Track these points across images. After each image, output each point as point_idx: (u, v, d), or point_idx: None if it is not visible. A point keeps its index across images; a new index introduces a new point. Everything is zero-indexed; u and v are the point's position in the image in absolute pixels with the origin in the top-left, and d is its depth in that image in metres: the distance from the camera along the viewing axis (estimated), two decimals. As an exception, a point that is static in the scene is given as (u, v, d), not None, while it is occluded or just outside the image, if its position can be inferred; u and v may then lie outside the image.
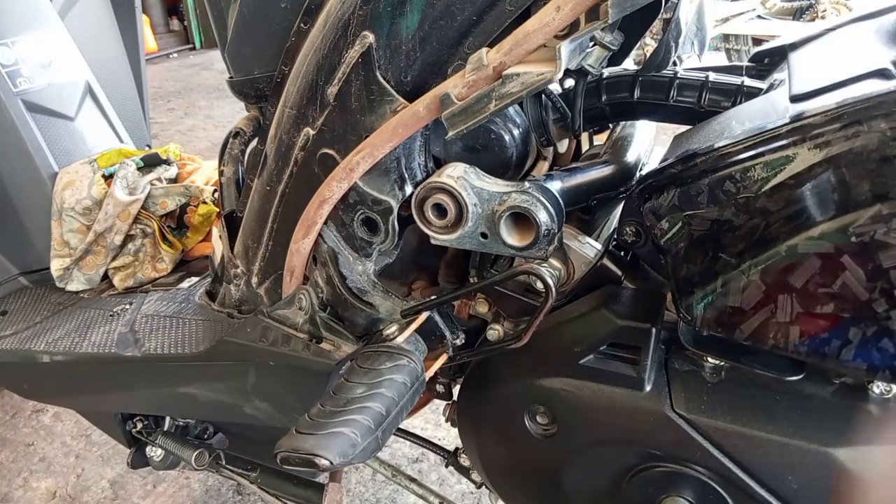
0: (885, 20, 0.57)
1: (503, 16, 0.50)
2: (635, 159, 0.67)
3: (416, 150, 0.59)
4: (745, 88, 0.62)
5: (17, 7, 1.26)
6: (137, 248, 1.21)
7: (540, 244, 0.53)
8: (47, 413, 1.81)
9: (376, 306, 0.68)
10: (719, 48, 4.24)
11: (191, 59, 6.47)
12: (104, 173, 1.20)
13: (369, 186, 0.60)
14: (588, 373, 0.59)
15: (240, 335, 0.79)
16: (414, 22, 0.52)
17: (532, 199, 0.52)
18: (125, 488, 1.55)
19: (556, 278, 0.61)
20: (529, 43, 0.47)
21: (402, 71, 0.55)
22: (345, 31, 0.56)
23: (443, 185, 0.54)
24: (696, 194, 0.49)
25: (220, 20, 0.76)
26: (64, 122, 1.27)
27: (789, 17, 4.45)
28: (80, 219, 1.18)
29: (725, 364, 0.56)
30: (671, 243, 0.51)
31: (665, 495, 0.59)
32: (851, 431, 0.50)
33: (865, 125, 0.42)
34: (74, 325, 1.07)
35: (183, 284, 1.15)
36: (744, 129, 0.49)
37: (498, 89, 0.49)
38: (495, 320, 0.68)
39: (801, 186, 0.44)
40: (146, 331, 0.98)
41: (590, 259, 0.62)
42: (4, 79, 1.19)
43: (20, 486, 1.59)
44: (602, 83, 0.68)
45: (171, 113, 4.70)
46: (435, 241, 0.58)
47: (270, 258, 0.75)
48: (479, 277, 0.68)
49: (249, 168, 0.84)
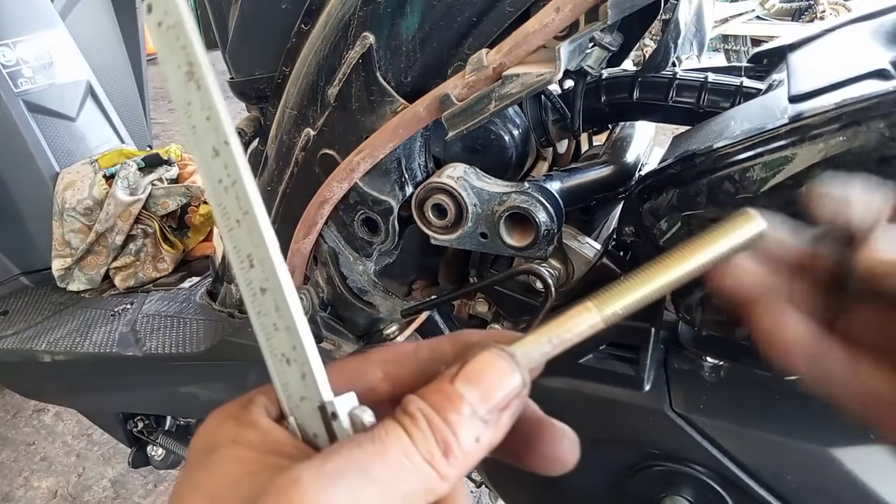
0: (884, 20, 0.57)
1: (503, 17, 0.50)
2: (634, 160, 0.67)
3: (417, 150, 0.59)
4: (744, 89, 0.62)
5: (19, 8, 1.26)
6: (139, 248, 1.21)
7: (540, 244, 0.54)
8: (48, 412, 1.81)
9: (377, 306, 0.69)
10: (718, 49, 4.24)
11: (191, 60, 6.47)
12: (105, 173, 1.21)
13: (370, 187, 0.60)
14: (587, 372, 0.59)
15: (241, 335, 0.80)
16: (414, 23, 0.53)
17: (532, 199, 0.53)
18: (126, 487, 1.55)
19: (556, 278, 0.61)
20: (529, 44, 0.47)
21: (403, 72, 0.55)
22: (345, 32, 0.56)
23: (443, 185, 0.55)
24: (695, 194, 0.49)
25: (220, 20, 0.76)
26: (65, 123, 1.27)
27: (788, 18, 4.45)
28: (82, 219, 1.18)
29: (725, 364, 0.57)
30: (670, 243, 0.52)
31: (664, 494, 0.59)
32: (850, 431, 0.50)
33: (864, 125, 0.42)
34: (76, 325, 1.08)
35: (184, 284, 1.16)
36: (743, 130, 0.49)
37: (498, 90, 0.49)
38: (495, 320, 0.68)
39: (801, 187, 0.44)
40: (147, 330, 0.98)
41: (589, 259, 0.62)
42: (6, 79, 1.19)
43: (21, 486, 1.59)
44: (601, 84, 0.68)
45: (172, 113, 4.70)
46: (435, 241, 0.58)
47: (271, 258, 0.75)
48: (479, 277, 0.68)
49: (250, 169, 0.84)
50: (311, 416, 0.25)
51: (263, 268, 0.24)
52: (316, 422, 0.25)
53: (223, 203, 0.24)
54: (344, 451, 0.22)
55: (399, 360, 0.29)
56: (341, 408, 0.25)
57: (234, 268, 0.25)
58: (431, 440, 0.23)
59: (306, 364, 0.25)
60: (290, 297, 0.24)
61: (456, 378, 0.25)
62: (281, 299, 0.24)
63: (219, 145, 0.24)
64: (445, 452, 0.23)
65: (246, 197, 0.24)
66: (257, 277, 0.25)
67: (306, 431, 0.25)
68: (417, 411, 0.23)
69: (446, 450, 0.23)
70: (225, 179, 0.24)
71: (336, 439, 0.24)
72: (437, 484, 0.23)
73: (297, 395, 0.25)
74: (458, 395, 0.24)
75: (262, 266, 0.24)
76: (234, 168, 0.24)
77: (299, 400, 0.25)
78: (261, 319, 0.25)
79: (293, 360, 0.25)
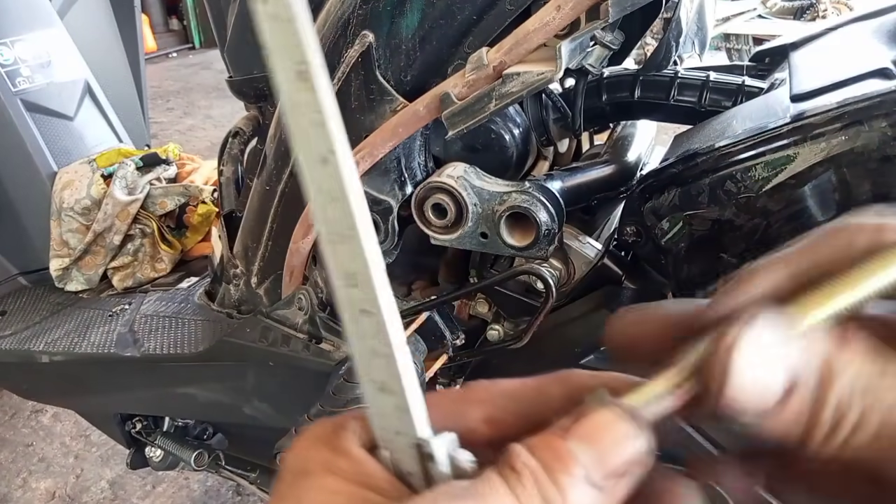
0: (885, 20, 0.57)
1: (503, 15, 0.50)
2: (636, 159, 0.67)
3: (416, 149, 0.58)
4: (745, 88, 0.62)
5: (17, 7, 1.26)
6: (136, 248, 1.20)
7: (540, 244, 0.53)
8: (46, 413, 1.81)
9: (376, 306, 0.68)
10: (720, 48, 4.24)
11: (190, 59, 6.47)
12: (103, 173, 1.20)
13: (369, 186, 0.59)
14: (588, 373, 0.58)
15: (239, 335, 0.79)
16: (414, 21, 0.52)
17: (532, 198, 0.52)
18: (124, 489, 1.55)
19: (557, 278, 0.61)
20: (530, 42, 0.47)
21: (402, 70, 0.54)
22: (344, 31, 0.56)
23: (443, 184, 0.54)
24: (696, 194, 0.49)
25: (219, 20, 0.75)
26: (63, 122, 1.27)
27: (790, 17, 4.45)
28: (80, 219, 1.18)
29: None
30: (672, 243, 0.51)
31: (665, 496, 0.59)
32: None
33: (866, 125, 0.42)
34: (73, 326, 1.07)
35: (182, 284, 1.15)
36: (745, 129, 0.49)
37: (498, 89, 0.49)
38: (495, 320, 0.68)
39: (802, 186, 0.44)
40: (145, 331, 0.98)
41: (590, 259, 0.61)
42: (3, 78, 1.19)
43: (19, 487, 1.59)
44: (602, 83, 0.68)
45: (171, 112, 4.69)
46: (435, 241, 0.58)
47: (270, 258, 0.75)
48: (479, 277, 0.68)
49: (249, 168, 0.84)
50: (406, 452, 0.24)
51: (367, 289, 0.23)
52: (411, 459, 0.24)
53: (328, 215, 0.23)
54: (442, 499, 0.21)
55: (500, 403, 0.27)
56: (439, 448, 0.23)
57: (334, 285, 0.24)
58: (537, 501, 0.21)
59: (404, 397, 0.23)
60: (392, 325, 0.23)
61: (570, 433, 0.23)
62: (383, 325, 0.23)
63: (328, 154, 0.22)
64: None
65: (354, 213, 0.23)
66: (359, 298, 0.23)
67: (400, 467, 0.24)
68: (524, 468, 0.22)
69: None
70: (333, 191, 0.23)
71: (432, 480, 0.23)
72: None
73: (393, 429, 0.24)
74: (571, 455, 0.22)
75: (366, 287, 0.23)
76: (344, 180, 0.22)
77: (394, 434, 0.24)
78: (359, 344, 0.24)
79: (391, 391, 0.23)
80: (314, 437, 0.25)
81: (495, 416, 0.27)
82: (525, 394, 0.27)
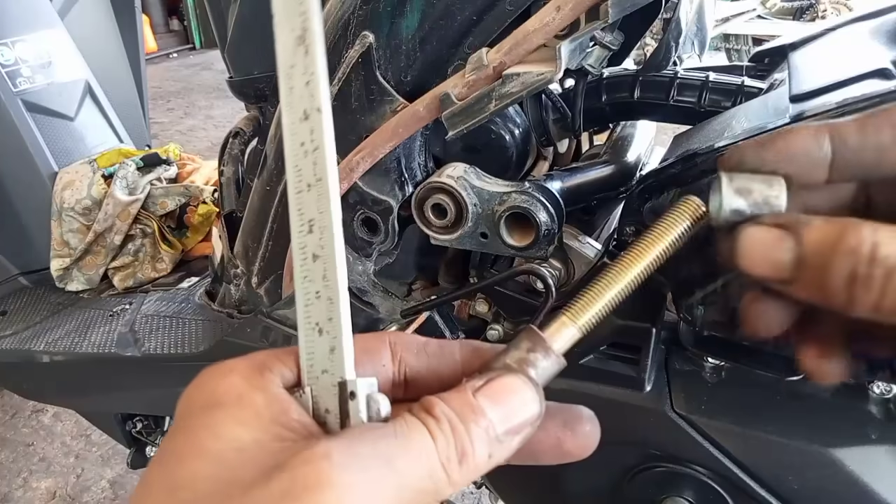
0: (885, 20, 0.57)
1: (503, 15, 0.50)
2: (635, 159, 0.67)
3: (416, 150, 0.59)
4: (745, 88, 0.62)
5: (17, 7, 1.26)
6: (137, 248, 1.21)
7: (540, 244, 0.53)
8: (47, 413, 1.81)
9: (376, 306, 0.68)
10: (720, 48, 4.24)
11: (191, 59, 6.47)
12: (104, 173, 1.20)
13: (369, 186, 0.59)
14: (588, 373, 0.59)
15: (240, 335, 0.79)
16: (414, 22, 0.52)
17: (532, 199, 0.52)
18: (125, 488, 1.55)
19: (557, 278, 0.61)
20: (529, 43, 0.47)
21: (402, 71, 0.55)
22: (345, 31, 0.56)
23: (443, 184, 0.54)
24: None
25: (220, 20, 0.76)
26: (64, 122, 1.27)
27: (789, 17, 4.45)
28: (80, 219, 1.18)
29: (725, 364, 0.56)
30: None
31: (665, 496, 0.59)
32: (851, 431, 0.50)
33: (866, 125, 0.42)
34: (74, 326, 1.07)
35: (183, 284, 1.16)
36: (744, 129, 0.49)
37: (498, 89, 0.49)
38: (495, 320, 0.68)
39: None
40: (146, 331, 0.98)
41: (590, 259, 0.62)
42: (4, 79, 1.19)
43: (20, 486, 1.59)
44: (602, 83, 0.68)
45: (171, 113, 4.70)
46: (435, 241, 0.58)
47: (270, 258, 0.75)
48: (479, 277, 0.68)
49: (249, 168, 0.84)
50: (328, 391, 0.25)
51: (322, 236, 0.25)
52: (331, 398, 0.25)
53: (299, 165, 0.25)
54: (368, 436, 0.23)
55: (410, 349, 0.30)
56: (361, 388, 0.25)
57: (292, 230, 0.26)
58: (452, 446, 0.24)
59: (338, 338, 0.25)
60: (339, 270, 0.25)
61: (480, 392, 0.26)
62: (331, 269, 0.25)
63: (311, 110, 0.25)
64: (461, 460, 0.24)
65: (324, 164, 0.25)
66: (313, 243, 0.25)
67: (318, 406, 0.25)
68: (442, 415, 0.24)
69: (462, 458, 0.24)
70: (308, 144, 0.25)
71: (348, 419, 0.25)
72: (445, 488, 0.23)
73: (320, 368, 0.25)
74: (482, 410, 0.25)
75: (322, 234, 0.25)
76: (320, 134, 0.25)
77: (320, 372, 0.25)
78: (304, 285, 0.25)
79: (326, 332, 0.25)
80: (225, 369, 0.26)
81: (404, 360, 0.30)
82: (429, 347, 0.31)
